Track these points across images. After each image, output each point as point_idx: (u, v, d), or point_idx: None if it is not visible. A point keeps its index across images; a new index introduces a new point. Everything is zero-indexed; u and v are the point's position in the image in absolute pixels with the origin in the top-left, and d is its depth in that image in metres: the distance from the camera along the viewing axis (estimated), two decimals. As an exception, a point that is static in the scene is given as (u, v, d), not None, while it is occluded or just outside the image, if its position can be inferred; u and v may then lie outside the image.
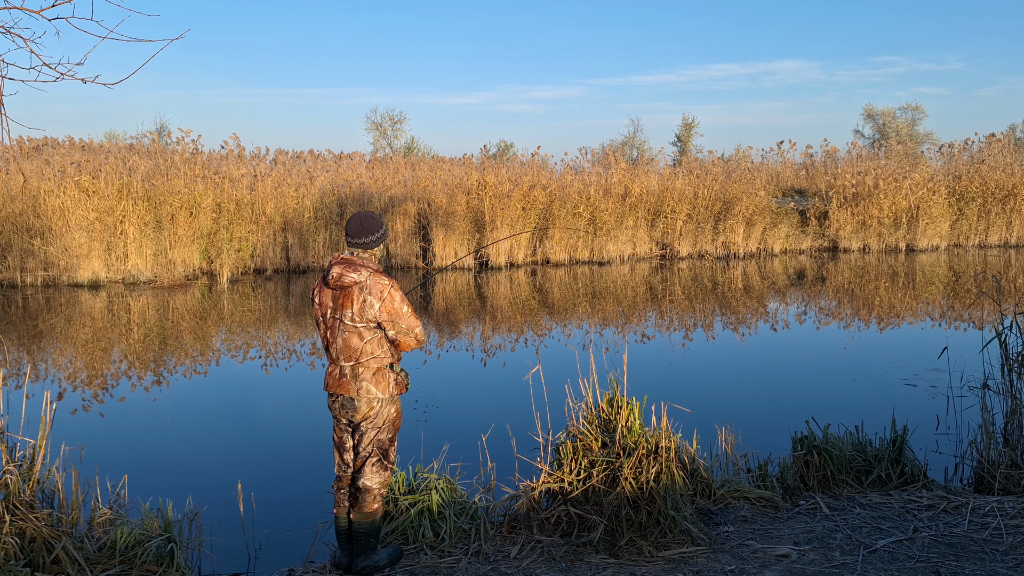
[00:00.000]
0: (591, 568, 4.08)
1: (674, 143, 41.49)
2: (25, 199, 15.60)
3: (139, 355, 10.11)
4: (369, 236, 3.95)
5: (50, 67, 3.31)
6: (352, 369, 3.88)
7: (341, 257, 3.92)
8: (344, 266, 3.85)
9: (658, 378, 8.58)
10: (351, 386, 3.88)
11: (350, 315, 3.83)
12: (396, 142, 39.20)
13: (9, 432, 4.13)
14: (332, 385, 3.95)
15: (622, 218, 19.70)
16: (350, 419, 3.95)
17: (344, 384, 3.90)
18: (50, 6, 3.25)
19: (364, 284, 3.82)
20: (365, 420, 3.92)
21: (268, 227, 17.41)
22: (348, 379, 3.89)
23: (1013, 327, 5.69)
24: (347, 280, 3.81)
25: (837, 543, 4.31)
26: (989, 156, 23.45)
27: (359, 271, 3.83)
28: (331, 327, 3.92)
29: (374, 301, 3.82)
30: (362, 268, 3.84)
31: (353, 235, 3.96)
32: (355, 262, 3.88)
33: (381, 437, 3.97)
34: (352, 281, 3.81)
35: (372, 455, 3.95)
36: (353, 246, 3.97)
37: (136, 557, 3.91)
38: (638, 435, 4.53)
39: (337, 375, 3.93)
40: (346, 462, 4.06)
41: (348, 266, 3.85)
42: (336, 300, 3.88)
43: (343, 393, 3.90)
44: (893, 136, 39.07)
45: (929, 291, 14.97)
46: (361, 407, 3.89)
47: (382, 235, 4.02)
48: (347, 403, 3.92)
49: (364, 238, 3.95)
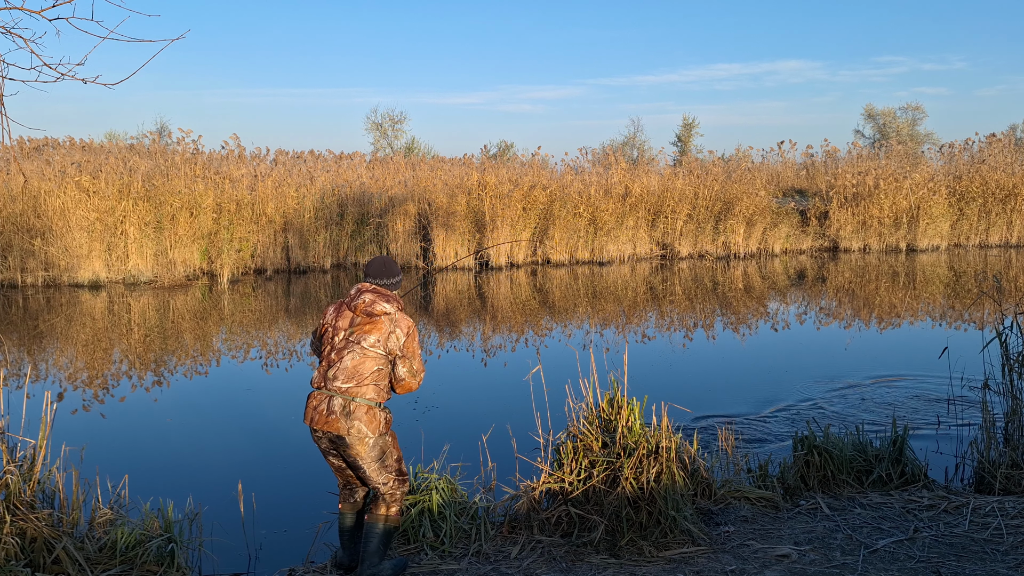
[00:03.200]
0: (592, 568, 4.08)
1: (674, 143, 41.55)
2: (26, 199, 15.60)
3: (139, 355, 10.11)
4: (391, 278, 4.01)
5: (50, 67, 3.31)
6: (343, 405, 3.75)
7: (373, 287, 3.96)
8: (377, 295, 3.91)
9: (658, 378, 8.58)
10: (341, 424, 3.73)
11: (372, 340, 3.82)
12: (396, 142, 39.23)
13: (10, 432, 4.13)
14: (318, 421, 3.78)
15: (622, 218, 19.70)
16: (343, 455, 3.88)
17: (332, 422, 3.74)
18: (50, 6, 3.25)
19: (394, 317, 3.88)
20: (357, 457, 3.82)
21: (268, 227, 17.41)
22: (337, 416, 3.74)
23: (1013, 327, 5.68)
24: (378, 309, 3.86)
25: (838, 543, 4.31)
26: (990, 156, 23.43)
27: (391, 303, 3.91)
28: (340, 348, 3.84)
29: (401, 335, 3.88)
30: (393, 301, 3.93)
31: (375, 276, 4.00)
32: (387, 294, 3.95)
33: (388, 463, 3.90)
34: (383, 311, 3.87)
35: (386, 483, 3.90)
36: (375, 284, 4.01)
37: (137, 557, 3.91)
38: (638, 435, 4.53)
39: (324, 411, 3.77)
40: (345, 477, 4.02)
41: (380, 296, 3.91)
42: (356, 325, 3.86)
43: (331, 431, 3.76)
44: (893, 136, 39.07)
45: (929, 291, 14.96)
46: (354, 444, 3.78)
47: (399, 281, 4.08)
48: (336, 440, 3.81)
49: (386, 279, 4.00)
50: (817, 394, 7.83)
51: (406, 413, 7.07)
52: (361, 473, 3.90)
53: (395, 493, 3.94)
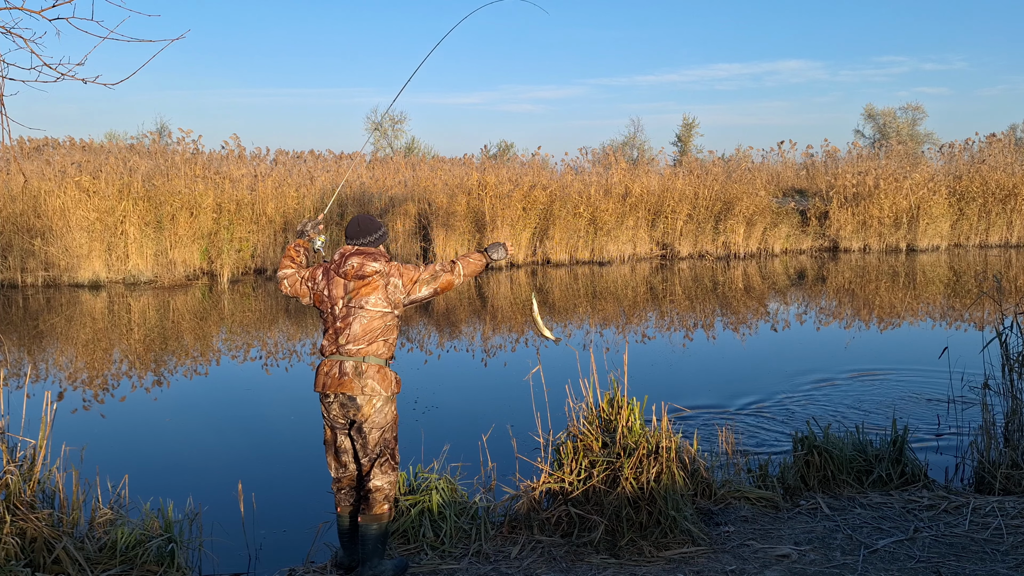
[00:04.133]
0: (592, 568, 4.08)
1: (675, 143, 41.49)
2: (26, 199, 15.60)
3: (139, 355, 10.11)
4: (370, 235, 4.01)
5: (51, 67, 3.31)
6: (355, 366, 3.82)
7: (356, 248, 3.97)
8: (363, 256, 3.91)
9: (658, 378, 8.58)
10: (354, 384, 3.80)
11: (374, 300, 3.86)
12: (397, 142, 39.22)
13: (10, 432, 4.13)
14: (331, 385, 3.85)
15: (622, 218, 19.70)
16: (352, 418, 3.88)
17: (345, 383, 3.81)
18: (50, 6, 3.25)
19: (384, 271, 3.90)
20: (368, 420, 3.85)
21: (268, 227, 17.40)
22: (350, 377, 3.81)
23: (1014, 327, 5.68)
24: (368, 270, 3.88)
25: (838, 543, 4.31)
26: (990, 156, 23.42)
27: (378, 260, 3.91)
28: (343, 316, 3.89)
29: (398, 280, 3.91)
30: (380, 257, 3.93)
31: (354, 237, 4.01)
32: (371, 251, 3.95)
33: (387, 436, 3.93)
34: (373, 271, 3.88)
35: (381, 455, 3.91)
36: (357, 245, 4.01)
37: (137, 557, 3.91)
38: (638, 435, 4.53)
39: (336, 374, 3.84)
40: (343, 464, 4.02)
41: (367, 256, 3.91)
42: (351, 291, 3.89)
43: (344, 392, 3.82)
44: (893, 136, 39.05)
45: (929, 291, 14.96)
46: (363, 405, 3.82)
47: (382, 235, 4.06)
48: (347, 402, 3.85)
49: (365, 238, 4.01)
50: (817, 394, 7.83)
51: (406, 413, 7.07)
52: (362, 443, 3.91)
53: (392, 492, 3.93)
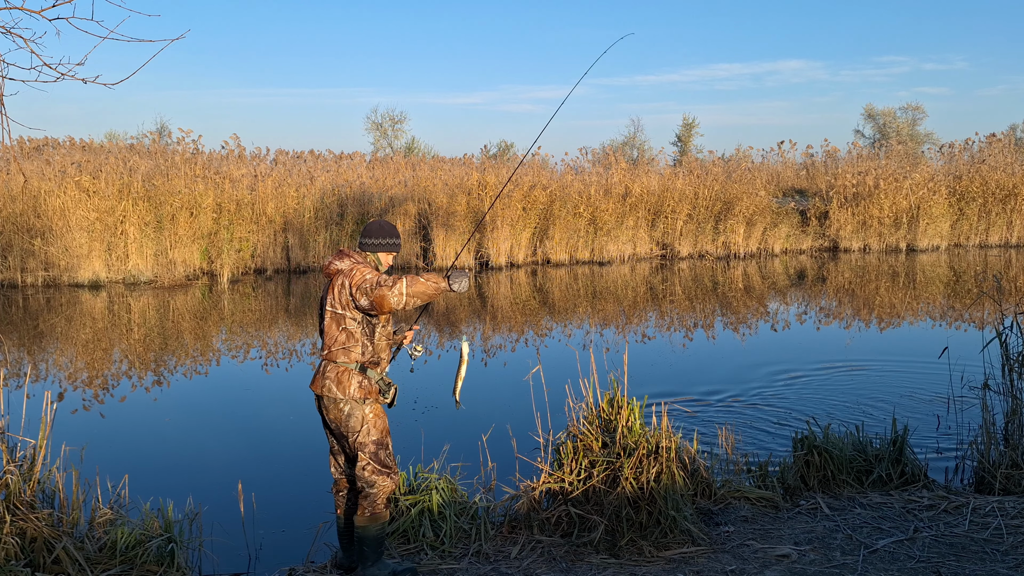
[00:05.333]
0: (592, 568, 4.08)
1: (675, 143, 41.51)
2: (26, 199, 15.59)
3: (139, 355, 10.11)
4: (366, 237, 4.02)
5: (50, 67, 3.31)
6: (323, 366, 3.91)
7: (341, 248, 4.07)
8: (336, 255, 3.98)
9: (658, 378, 8.58)
10: (320, 384, 3.89)
11: (330, 301, 3.89)
12: (397, 142, 39.21)
13: (10, 432, 4.13)
14: (312, 384, 3.97)
15: (622, 218, 19.70)
16: (326, 419, 3.97)
17: (316, 380, 3.92)
18: (50, 6, 3.25)
19: (345, 271, 3.89)
20: (341, 424, 3.87)
21: (269, 227, 17.40)
22: (319, 376, 3.91)
23: (1014, 327, 5.68)
24: (333, 268, 3.93)
25: (838, 543, 4.31)
26: (990, 156, 23.43)
27: (344, 260, 3.93)
28: (321, 316, 3.99)
29: (347, 281, 3.83)
30: (347, 258, 3.94)
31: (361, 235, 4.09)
32: (345, 252, 3.99)
33: (363, 440, 3.85)
34: (336, 269, 3.92)
35: (359, 459, 3.87)
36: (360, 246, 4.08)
37: (137, 557, 3.91)
38: (638, 435, 4.53)
39: (317, 374, 3.95)
40: (338, 464, 4.08)
41: (338, 255, 3.97)
42: (325, 290, 3.97)
43: (314, 390, 3.93)
44: (893, 136, 39.06)
45: (929, 291, 14.96)
46: (330, 407, 3.89)
47: (382, 244, 4.00)
48: (321, 403, 3.95)
49: (363, 238, 4.05)
50: (817, 394, 7.83)
51: (406, 413, 7.07)
52: (344, 446, 3.98)
53: (382, 496, 3.86)
